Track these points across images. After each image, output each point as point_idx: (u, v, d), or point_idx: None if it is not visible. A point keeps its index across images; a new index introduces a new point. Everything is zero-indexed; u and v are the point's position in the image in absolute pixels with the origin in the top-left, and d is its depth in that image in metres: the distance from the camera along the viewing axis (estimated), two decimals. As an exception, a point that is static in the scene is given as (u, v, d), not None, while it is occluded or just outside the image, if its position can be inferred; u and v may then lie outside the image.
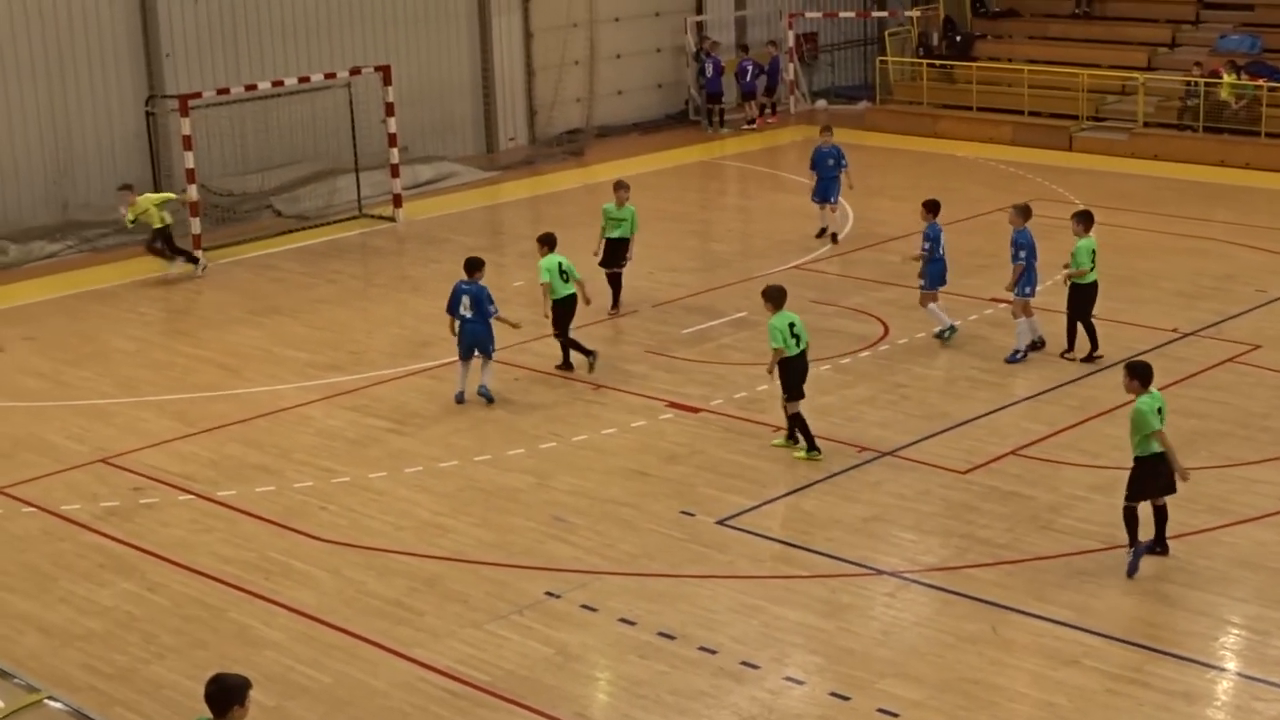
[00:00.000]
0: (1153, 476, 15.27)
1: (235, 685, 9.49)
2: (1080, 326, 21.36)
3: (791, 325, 18.14)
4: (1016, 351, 21.30)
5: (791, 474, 17.95)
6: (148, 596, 15.53)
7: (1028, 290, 21.29)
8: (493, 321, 20.42)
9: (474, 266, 20.48)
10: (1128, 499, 15.36)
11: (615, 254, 24.07)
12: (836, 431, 19.09)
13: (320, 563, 16.11)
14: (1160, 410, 15.44)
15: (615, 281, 24.11)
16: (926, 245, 22.16)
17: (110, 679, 13.99)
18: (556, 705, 13.35)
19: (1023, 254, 21.30)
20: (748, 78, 39.23)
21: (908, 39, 40.32)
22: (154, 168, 29.53)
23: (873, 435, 18.96)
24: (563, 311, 21.33)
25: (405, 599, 15.27)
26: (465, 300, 20.28)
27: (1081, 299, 21.26)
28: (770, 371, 18.50)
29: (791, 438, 18.52)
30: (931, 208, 22.45)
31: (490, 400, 20.34)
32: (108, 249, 29.17)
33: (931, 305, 22.30)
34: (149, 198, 27.03)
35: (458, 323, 20.36)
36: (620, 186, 24.30)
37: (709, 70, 38.80)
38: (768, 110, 39.53)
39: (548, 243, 21.34)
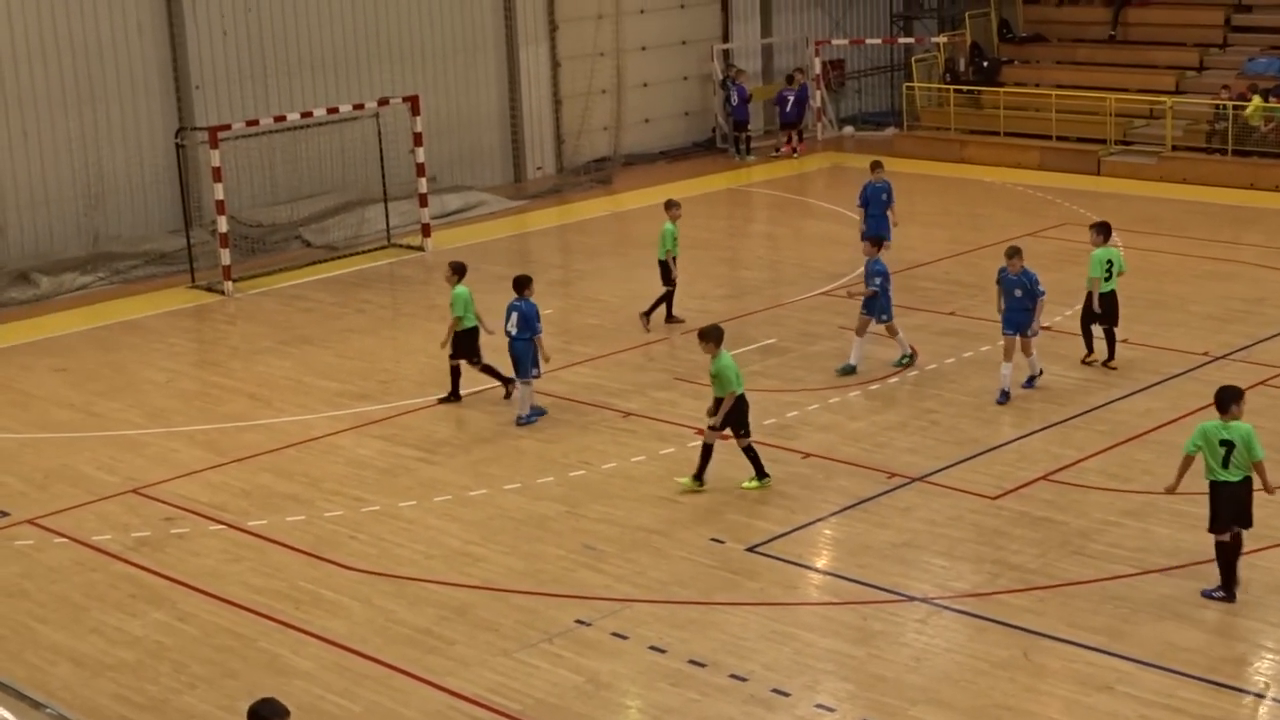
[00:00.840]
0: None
1: (279, 711, 9.59)
2: (1103, 332, 21.71)
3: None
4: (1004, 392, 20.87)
5: (821, 500, 17.91)
6: (179, 626, 15.56)
7: (1010, 330, 20.85)
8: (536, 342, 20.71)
9: (524, 284, 20.90)
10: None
11: (666, 272, 24.86)
12: (866, 458, 19.05)
13: (351, 592, 16.12)
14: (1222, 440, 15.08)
15: (667, 298, 24.91)
16: (877, 281, 21.86)
17: (142, 709, 14.00)
18: (587, 733, 13.33)
19: (1017, 293, 20.87)
20: (787, 107, 39.11)
21: (934, 65, 40.34)
22: (184, 199, 29.69)
23: (903, 461, 18.91)
24: (469, 343, 21.30)
25: (435, 628, 15.26)
26: (514, 317, 20.60)
27: (1097, 306, 21.67)
28: (718, 418, 18.02)
29: (698, 477, 18.27)
30: (877, 244, 22.40)
31: (529, 422, 20.62)
32: (138, 280, 29.32)
33: (859, 340, 22.18)
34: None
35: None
36: (672, 204, 25.17)
37: (734, 98, 38.84)
38: (794, 138, 39.53)
39: (459, 272, 21.42)
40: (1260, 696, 13.52)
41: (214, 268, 28.58)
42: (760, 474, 18.25)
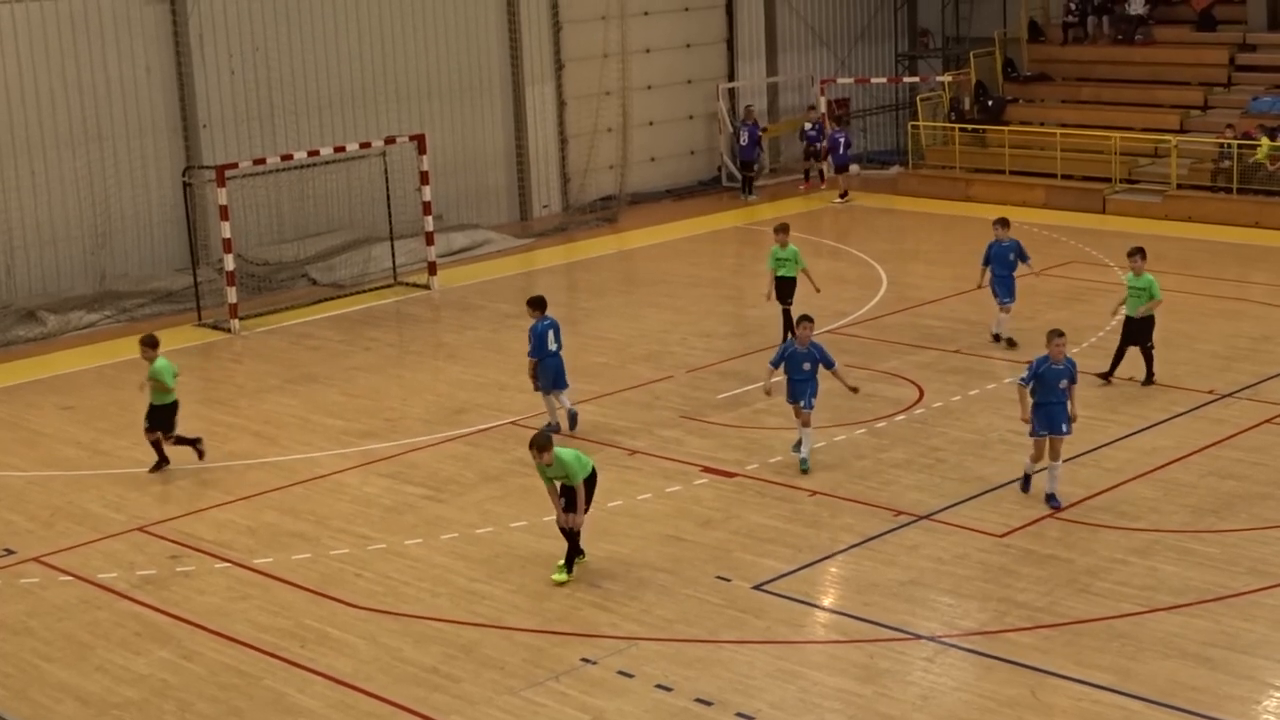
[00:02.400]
0: None
1: None
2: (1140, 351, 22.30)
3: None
4: None
5: (828, 538, 17.89)
6: (184, 665, 15.53)
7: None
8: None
9: (543, 303, 21.61)
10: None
11: (784, 291, 25.42)
12: (872, 496, 19.04)
13: (356, 630, 16.10)
14: None
15: (787, 316, 25.26)
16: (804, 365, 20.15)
17: (147, 747, 13.98)
18: (593, 772, 13.29)
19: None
20: (816, 144, 39.09)
21: (939, 104, 40.44)
22: (191, 238, 29.75)
23: (909, 499, 18.90)
24: (167, 417, 21.01)
25: (441, 666, 15.24)
26: (550, 334, 21.34)
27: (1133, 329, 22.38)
28: (579, 512, 16.97)
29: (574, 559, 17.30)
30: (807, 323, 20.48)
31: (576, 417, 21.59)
32: (145, 319, 29.36)
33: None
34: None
35: (538, 362, 21.37)
36: (781, 230, 25.85)
37: (744, 138, 38.84)
38: (814, 175, 39.48)
39: (153, 345, 21.16)
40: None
41: (220, 306, 28.63)
42: (570, 563, 17.14)
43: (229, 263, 28.33)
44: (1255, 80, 37.49)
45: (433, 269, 31.07)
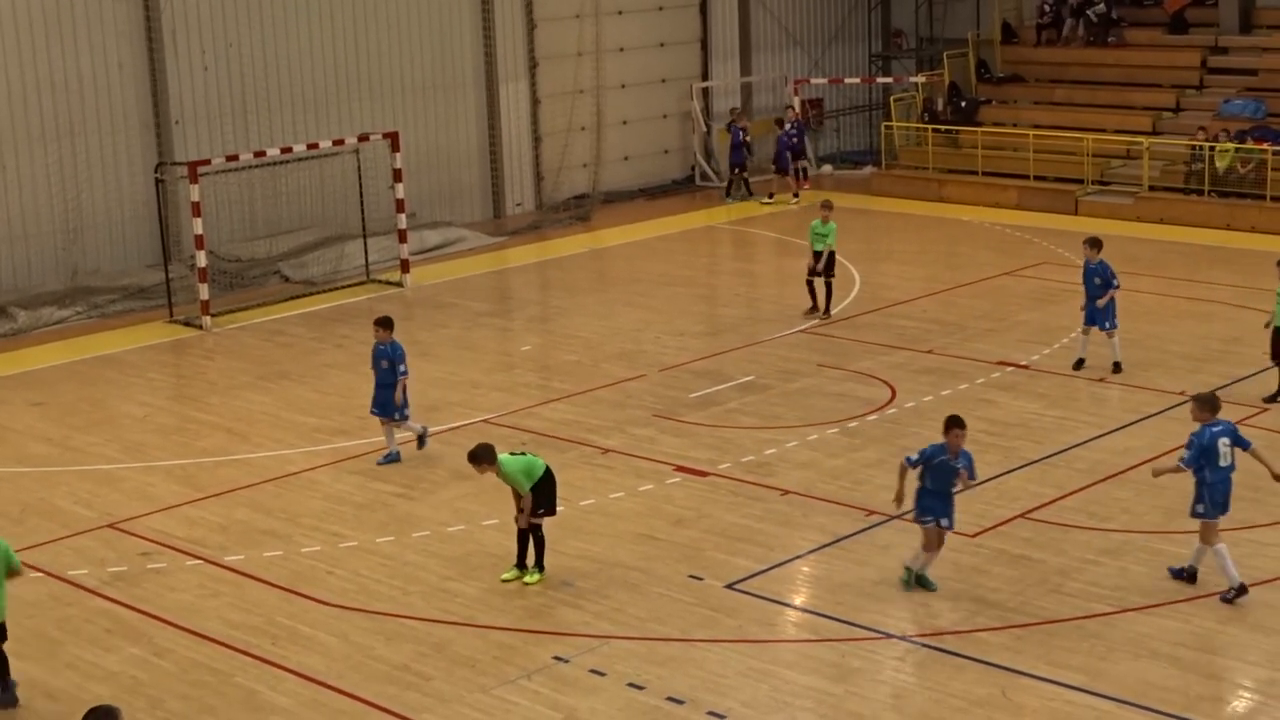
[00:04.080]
0: None
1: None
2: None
3: (510, 453, 16.94)
4: None
5: (800, 538, 17.91)
6: (155, 661, 15.48)
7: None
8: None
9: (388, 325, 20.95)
10: None
11: (823, 264, 26.93)
12: (845, 495, 19.07)
13: (328, 627, 16.07)
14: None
15: (827, 288, 27.01)
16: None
17: (117, 745, 13.91)
18: (565, 770, 13.29)
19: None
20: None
21: (913, 104, 40.52)
22: (163, 234, 29.65)
23: (881, 499, 18.89)
24: None
25: (413, 664, 15.22)
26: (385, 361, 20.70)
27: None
28: (525, 516, 16.90)
29: (524, 565, 17.09)
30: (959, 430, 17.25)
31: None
32: (116, 315, 29.27)
33: None
34: None
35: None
36: (825, 206, 27.52)
37: (738, 139, 38.52)
38: (799, 173, 39.26)
39: None
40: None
41: (192, 302, 28.55)
42: (521, 563, 17.00)
43: (201, 259, 28.24)
44: (1227, 83, 37.65)
45: (405, 266, 31.02)
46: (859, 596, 16.33)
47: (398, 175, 30.95)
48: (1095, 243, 23.61)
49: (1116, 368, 23.45)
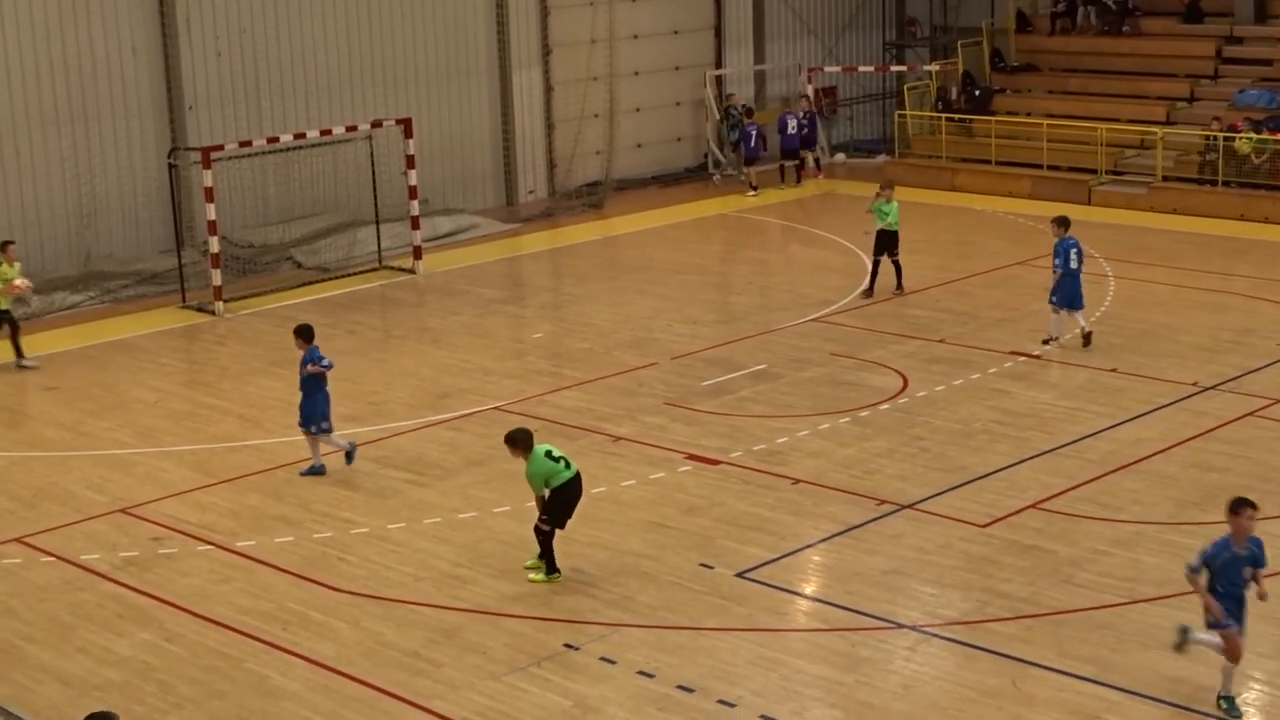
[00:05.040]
0: None
1: None
2: None
3: (548, 452, 16.55)
4: None
5: (811, 527, 17.91)
6: (166, 647, 15.52)
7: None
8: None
9: (310, 332, 20.30)
10: None
11: (886, 243, 27.61)
12: (856, 484, 19.06)
13: (339, 614, 16.10)
14: None
15: (895, 266, 27.64)
16: None
17: (128, 729, 13.98)
18: (575, 758, 13.31)
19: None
20: (787, 130, 38.81)
21: (926, 93, 40.45)
22: (176, 219, 29.68)
23: (892, 488, 18.92)
24: None
25: (424, 650, 15.24)
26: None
27: None
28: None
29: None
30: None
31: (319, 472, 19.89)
32: (129, 300, 29.31)
33: None
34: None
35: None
36: (887, 186, 28.13)
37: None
38: (810, 164, 39.16)
39: None
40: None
41: (205, 288, 28.57)
42: (551, 567, 16.73)
43: (214, 245, 28.26)
44: (1242, 73, 37.52)
45: (418, 253, 31.03)
46: (869, 586, 16.33)
47: (411, 162, 30.94)
48: (1061, 221, 24.52)
49: (1086, 339, 24.07)
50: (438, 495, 19.24)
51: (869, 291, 27.65)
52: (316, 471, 20.04)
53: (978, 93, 39.65)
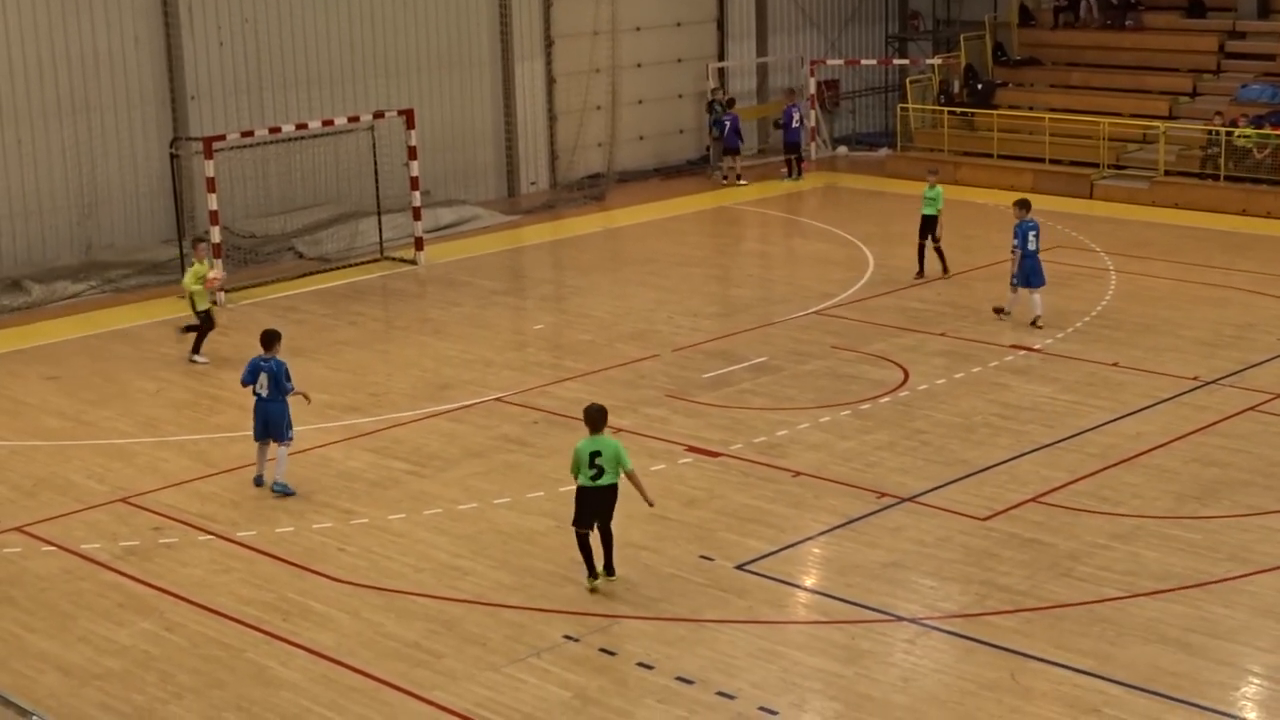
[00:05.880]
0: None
1: None
2: None
3: (594, 452, 16.04)
4: None
5: (811, 520, 17.92)
6: (166, 636, 15.53)
7: None
8: (290, 400, 19.19)
9: (271, 341, 19.28)
10: None
11: (925, 227, 28.17)
12: (856, 477, 19.07)
13: (339, 604, 16.11)
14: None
15: (938, 251, 28.20)
16: None
17: (128, 718, 13.98)
18: (574, 749, 13.32)
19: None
20: (791, 124, 38.65)
21: (929, 86, 40.42)
22: (178, 209, 29.68)
23: (893, 481, 18.93)
24: None
25: (424, 641, 15.25)
26: (263, 378, 19.05)
27: None
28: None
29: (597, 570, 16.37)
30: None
31: (286, 493, 18.94)
32: (130, 289, 29.31)
33: None
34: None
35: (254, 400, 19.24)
36: (932, 172, 28.75)
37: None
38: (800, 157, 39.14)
39: None
40: (1247, 721, 13.55)
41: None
42: (593, 570, 16.31)
43: (216, 235, 28.26)
44: (1245, 68, 37.52)
45: (419, 244, 31.02)
46: (869, 579, 16.33)
47: (412, 153, 30.92)
48: (1022, 204, 25.73)
49: (1035, 321, 24.95)
50: (438, 486, 19.25)
51: (920, 274, 28.31)
52: (258, 482, 19.36)
53: (980, 86, 39.63)
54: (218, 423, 21.86)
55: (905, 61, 43.00)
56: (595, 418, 16.21)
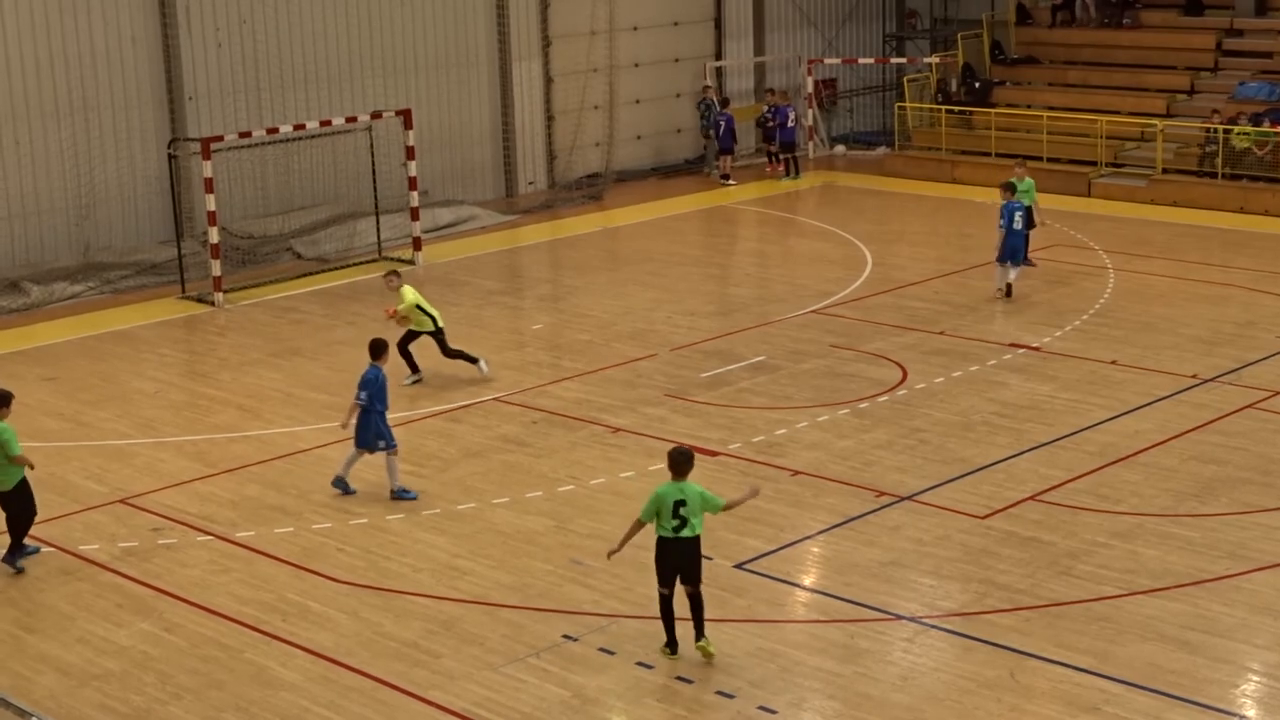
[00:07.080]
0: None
1: None
2: None
3: (678, 502, 14.61)
4: None
5: (810, 518, 17.91)
6: (165, 637, 15.53)
7: None
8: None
9: (379, 351, 19.31)
10: None
11: (1026, 220, 27.70)
12: (855, 476, 19.07)
13: (338, 604, 16.11)
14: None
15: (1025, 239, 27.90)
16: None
17: (127, 719, 13.98)
18: (573, 749, 13.32)
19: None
20: (787, 124, 38.60)
21: (926, 85, 40.43)
22: (175, 210, 29.67)
23: (891, 480, 18.93)
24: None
25: (422, 641, 15.25)
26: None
27: None
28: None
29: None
30: None
31: (404, 497, 18.77)
32: (129, 291, 29.30)
33: None
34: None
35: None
36: (1020, 164, 29.05)
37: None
38: (776, 159, 39.14)
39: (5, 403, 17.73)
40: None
41: (205, 279, 28.55)
42: (670, 641, 14.79)
43: (213, 235, 28.24)
44: (1242, 65, 37.52)
45: (417, 244, 31.02)
46: (868, 577, 16.34)
47: (410, 153, 30.91)
48: (1008, 186, 27.08)
49: (1008, 290, 26.53)
50: (437, 486, 19.25)
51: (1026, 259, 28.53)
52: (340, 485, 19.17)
53: (978, 85, 39.64)
54: (215, 423, 21.86)
55: (903, 60, 42.99)
56: (680, 462, 14.58)
